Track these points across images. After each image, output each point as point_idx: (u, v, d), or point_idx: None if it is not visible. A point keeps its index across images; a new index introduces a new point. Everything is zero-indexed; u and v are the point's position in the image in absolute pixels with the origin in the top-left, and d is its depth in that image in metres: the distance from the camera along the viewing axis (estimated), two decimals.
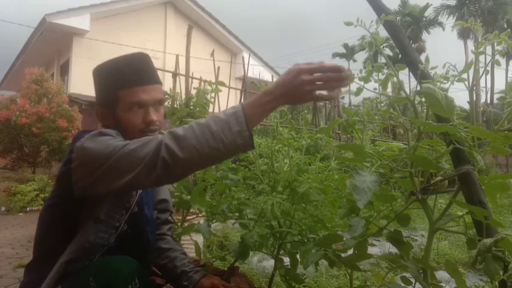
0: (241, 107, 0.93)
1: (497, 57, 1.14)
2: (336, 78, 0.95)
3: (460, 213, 1.18)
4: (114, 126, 1.16)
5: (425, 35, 32.18)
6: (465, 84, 1.13)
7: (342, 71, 0.96)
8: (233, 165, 1.67)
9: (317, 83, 0.95)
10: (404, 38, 1.28)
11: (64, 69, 13.40)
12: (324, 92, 0.97)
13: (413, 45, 26.57)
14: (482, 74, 1.13)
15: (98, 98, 1.20)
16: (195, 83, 6.37)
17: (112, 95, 1.14)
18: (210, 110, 3.91)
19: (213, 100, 2.98)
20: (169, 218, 1.48)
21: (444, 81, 1.13)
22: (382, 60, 24.85)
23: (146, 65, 1.19)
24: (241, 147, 0.92)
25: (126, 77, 1.14)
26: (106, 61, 1.20)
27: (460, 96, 1.92)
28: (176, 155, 0.89)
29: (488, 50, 1.11)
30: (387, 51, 30.62)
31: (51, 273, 1.06)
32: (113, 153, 0.95)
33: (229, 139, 0.90)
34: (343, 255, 1.32)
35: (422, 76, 1.16)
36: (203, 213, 1.70)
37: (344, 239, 1.30)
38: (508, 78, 27.50)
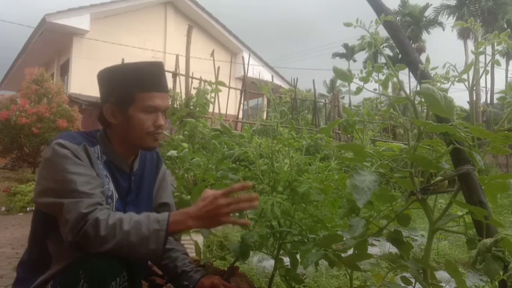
0: (167, 225, 1.03)
1: (497, 57, 1.15)
2: (246, 199, 1.07)
3: (460, 213, 1.18)
4: (121, 124, 1.21)
5: (425, 35, 32.16)
6: (465, 84, 1.13)
7: (253, 198, 1.08)
8: (233, 165, 1.68)
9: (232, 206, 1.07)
10: (404, 38, 1.28)
11: (64, 69, 13.40)
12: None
13: (413, 45, 26.56)
14: (482, 74, 1.13)
15: (109, 96, 1.23)
16: (195, 83, 6.36)
17: (129, 94, 1.19)
18: (210, 110, 3.92)
19: (213, 100, 2.99)
20: None
21: (444, 82, 1.13)
22: (382, 60, 24.82)
23: (163, 74, 1.27)
24: (149, 258, 1.08)
25: (147, 81, 1.20)
26: (121, 64, 1.27)
27: (460, 96, 1.92)
28: (87, 245, 1.00)
29: (488, 50, 1.11)
30: (387, 51, 30.61)
31: (46, 275, 1.10)
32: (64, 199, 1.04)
33: (143, 253, 1.03)
34: (343, 255, 1.32)
35: (422, 76, 1.16)
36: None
37: (344, 239, 1.30)
38: (508, 78, 27.49)
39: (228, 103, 8.33)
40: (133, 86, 1.19)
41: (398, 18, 29.54)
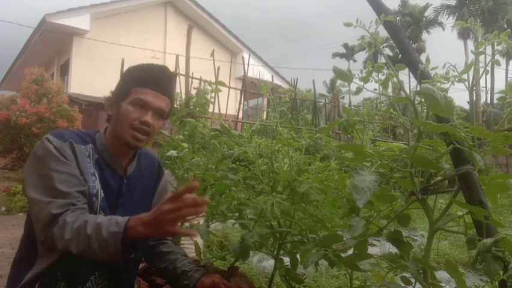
0: (125, 229, 1.00)
1: (497, 57, 1.15)
2: (191, 204, 0.97)
3: (460, 213, 1.18)
4: (113, 116, 1.24)
5: (425, 35, 32.17)
6: (465, 84, 1.13)
7: (198, 203, 0.97)
8: (233, 165, 1.68)
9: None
10: (404, 38, 1.28)
11: (64, 69, 13.41)
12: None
13: (413, 45, 26.57)
14: (482, 74, 1.13)
15: (114, 89, 1.29)
16: (195, 83, 6.37)
17: (126, 88, 1.23)
18: (210, 110, 3.91)
19: (213, 100, 2.98)
20: None
21: (444, 82, 1.13)
22: (382, 60, 24.82)
23: (166, 78, 1.29)
24: (111, 261, 1.04)
25: (143, 78, 1.24)
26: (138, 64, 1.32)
27: (460, 96, 1.92)
28: (55, 247, 1.03)
29: (488, 50, 1.11)
30: (387, 51, 30.61)
31: (32, 273, 1.10)
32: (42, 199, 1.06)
33: (103, 255, 1.01)
34: (343, 255, 1.32)
35: (422, 76, 1.16)
36: (203, 213, 1.69)
37: (344, 239, 1.30)
38: (508, 78, 27.49)
39: (228, 103, 8.33)
40: (131, 81, 1.24)
41: (398, 18, 29.54)
